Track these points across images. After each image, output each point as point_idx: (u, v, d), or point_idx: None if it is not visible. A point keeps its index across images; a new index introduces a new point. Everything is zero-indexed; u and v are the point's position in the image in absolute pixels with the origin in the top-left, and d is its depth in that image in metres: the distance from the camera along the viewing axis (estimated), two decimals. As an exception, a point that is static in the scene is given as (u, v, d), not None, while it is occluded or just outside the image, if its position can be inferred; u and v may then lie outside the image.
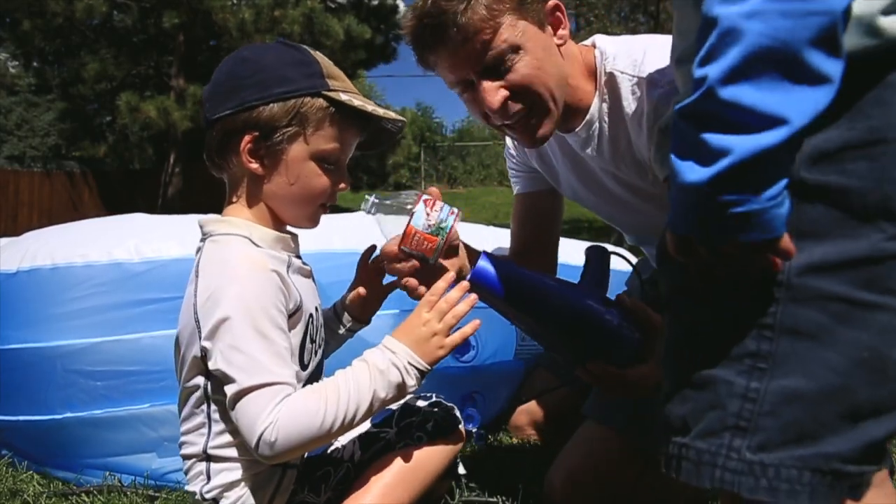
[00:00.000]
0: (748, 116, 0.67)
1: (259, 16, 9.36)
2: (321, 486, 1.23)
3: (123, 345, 1.54)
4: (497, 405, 2.05)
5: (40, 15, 9.97)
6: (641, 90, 1.33)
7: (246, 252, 1.12)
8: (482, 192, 17.57)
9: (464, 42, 1.23)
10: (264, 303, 1.08)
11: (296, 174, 1.16)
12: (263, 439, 1.03)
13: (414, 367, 1.13)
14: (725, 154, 0.68)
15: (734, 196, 0.69)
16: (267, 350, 1.06)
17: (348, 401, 1.08)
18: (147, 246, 1.60)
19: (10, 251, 1.67)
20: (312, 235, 1.31)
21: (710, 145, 0.69)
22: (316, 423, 1.05)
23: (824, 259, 0.74)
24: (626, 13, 12.90)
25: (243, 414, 1.04)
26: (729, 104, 0.68)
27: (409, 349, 1.14)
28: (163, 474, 1.59)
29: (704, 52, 0.69)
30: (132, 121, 10.11)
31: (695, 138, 0.70)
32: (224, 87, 1.16)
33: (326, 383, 1.11)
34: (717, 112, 0.69)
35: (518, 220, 1.73)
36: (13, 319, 1.59)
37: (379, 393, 1.10)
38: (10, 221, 12.49)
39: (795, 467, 0.74)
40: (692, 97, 0.70)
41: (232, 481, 1.13)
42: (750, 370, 0.76)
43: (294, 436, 1.04)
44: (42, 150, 15.86)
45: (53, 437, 1.58)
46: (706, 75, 0.68)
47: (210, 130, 1.17)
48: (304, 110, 1.13)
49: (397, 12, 11.84)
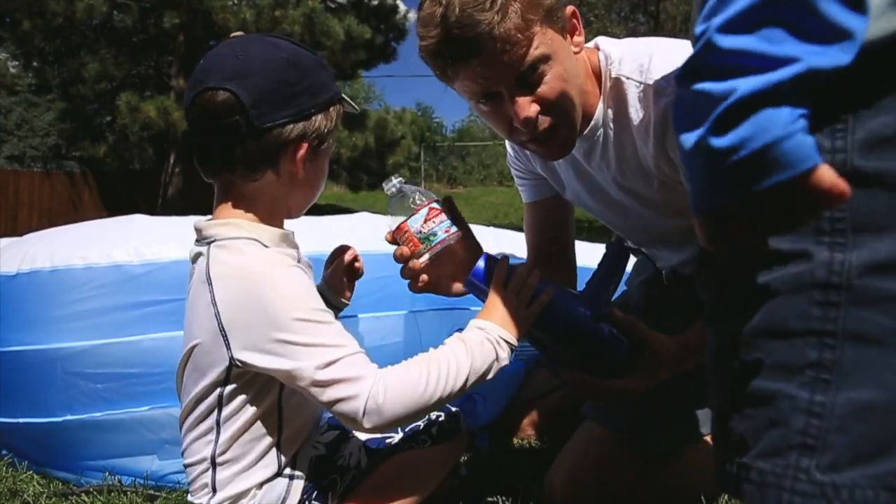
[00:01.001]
0: (754, 60, 0.61)
1: (259, 16, 9.35)
2: (328, 494, 1.22)
3: (124, 347, 1.54)
4: (498, 406, 2.05)
5: (40, 15, 9.96)
6: (648, 98, 1.30)
7: (262, 255, 1.12)
8: (482, 192, 17.56)
9: (501, 53, 1.17)
10: (305, 294, 1.09)
11: (321, 172, 1.23)
12: (370, 406, 1.03)
13: (504, 340, 1.17)
14: (727, 95, 0.61)
15: (743, 136, 0.61)
16: (330, 331, 1.08)
17: (448, 372, 1.09)
18: (147, 248, 1.60)
19: (10, 253, 1.67)
20: (312, 238, 1.31)
21: (711, 93, 0.62)
22: (419, 390, 1.06)
23: (890, 256, 0.67)
24: (626, 13, 12.89)
25: (336, 387, 1.04)
26: (732, 52, 0.62)
27: (497, 325, 1.17)
28: (163, 475, 1.59)
29: (708, 7, 0.64)
30: (132, 121, 10.10)
31: (695, 95, 0.64)
32: (279, 93, 1.12)
33: (426, 356, 1.13)
34: (718, 63, 0.62)
35: (531, 229, 1.71)
36: (13, 321, 1.59)
37: (476, 365, 1.12)
38: (10, 221, 12.48)
39: (871, 487, 0.68)
40: (691, 55, 0.65)
41: (239, 492, 1.13)
42: (813, 382, 0.69)
43: (400, 401, 1.05)
44: (42, 150, 15.85)
45: (54, 440, 1.59)
46: (706, 27, 0.63)
47: (252, 138, 1.11)
48: (338, 114, 1.20)
49: (397, 12, 11.83)
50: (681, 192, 1.38)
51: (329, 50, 9.69)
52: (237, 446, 1.12)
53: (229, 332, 1.07)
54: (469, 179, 21.97)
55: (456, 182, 21.74)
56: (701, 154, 0.64)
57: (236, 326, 1.07)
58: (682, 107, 0.67)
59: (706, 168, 0.65)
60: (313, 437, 1.25)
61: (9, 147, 15.72)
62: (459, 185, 21.14)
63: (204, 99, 1.12)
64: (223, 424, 1.12)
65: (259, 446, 1.14)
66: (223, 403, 1.12)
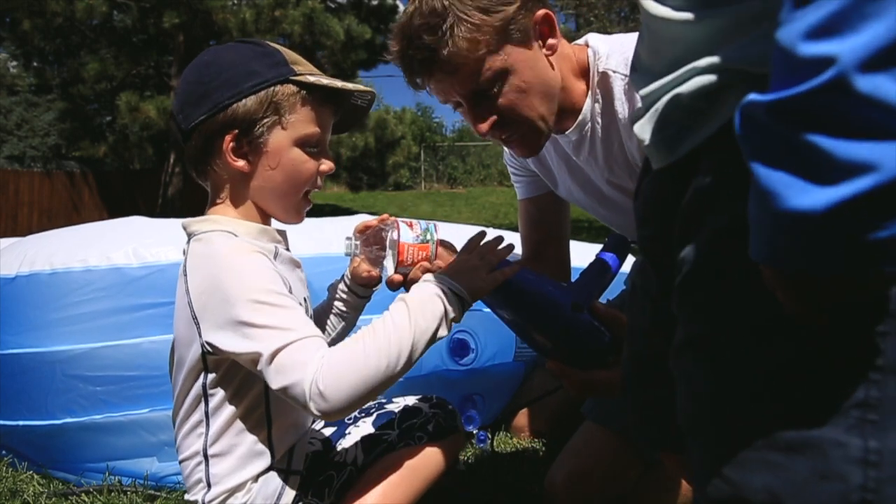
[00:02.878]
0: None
1: (259, 16, 9.35)
2: (325, 490, 1.22)
3: (123, 350, 1.54)
4: (497, 407, 2.05)
5: (40, 15, 9.96)
6: (634, 89, 1.33)
7: (227, 243, 1.12)
8: (482, 192, 17.56)
9: (451, 73, 1.24)
10: (263, 279, 1.08)
11: (281, 162, 1.16)
12: (314, 390, 1.00)
13: (454, 292, 1.12)
14: (866, 171, 0.49)
15: (879, 221, 0.50)
16: (286, 315, 1.05)
17: (390, 342, 1.05)
18: (146, 250, 1.60)
19: (9, 256, 1.66)
20: (312, 239, 1.31)
21: (838, 158, 0.49)
22: (361, 368, 1.02)
23: None
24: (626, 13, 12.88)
25: (283, 373, 1.02)
26: (869, 101, 0.47)
27: (449, 277, 1.14)
28: (163, 477, 1.59)
29: (821, 19, 0.48)
30: (132, 121, 10.10)
31: (807, 146, 0.50)
32: (194, 94, 1.16)
33: (366, 329, 1.08)
34: (847, 111, 0.48)
35: (525, 225, 1.73)
36: (12, 325, 1.59)
37: (421, 323, 1.07)
38: (10, 221, 12.49)
39: None
40: (798, 87, 0.50)
41: (234, 486, 1.13)
42: (860, 424, 0.59)
43: (344, 382, 1.01)
44: (42, 150, 15.85)
45: (53, 442, 1.59)
46: (835, 56, 0.47)
47: (188, 141, 1.16)
48: (276, 99, 1.14)
49: (397, 12, 11.83)
50: None
51: (329, 50, 9.70)
52: (227, 438, 1.12)
53: (200, 318, 1.09)
54: (469, 179, 21.95)
55: (456, 182, 21.73)
56: (814, 222, 0.52)
57: (204, 311, 1.08)
58: (771, 143, 0.53)
59: (818, 236, 0.53)
60: (310, 433, 1.25)
61: (9, 147, 15.72)
62: (459, 185, 21.12)
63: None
64: (212, 416, 1.13)
65: (249, 438, 1.14)
66: (208, 395, 1.13)
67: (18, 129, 16.32)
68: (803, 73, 0.49)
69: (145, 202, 12.34)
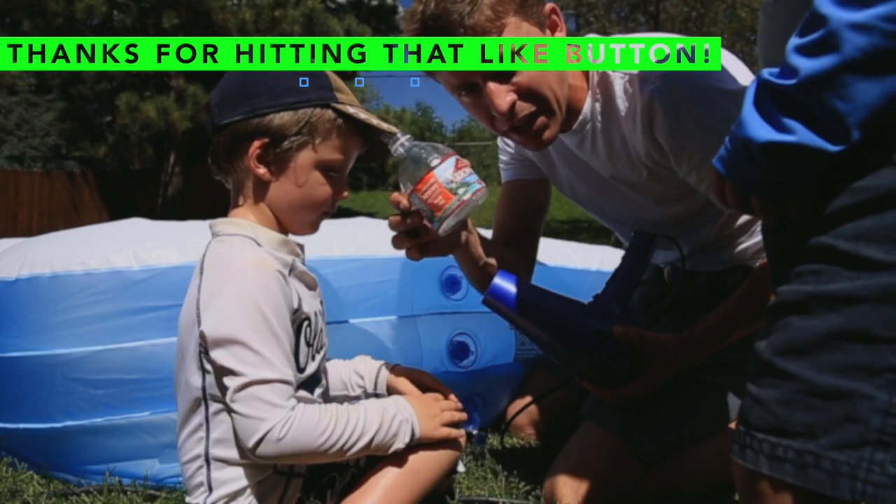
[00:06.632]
0: (829, 121, 0.74)
1: (259, 16, 9.36)
2: (327, 492, 1.23)
3: (124, 353, 1.54)
4: (497, 407, 2.05)
5: (40, 15, 9.96)
6: (633, 87, 1.35)
7: (249, 251, 1.14)
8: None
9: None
10: (269, 301, 1.09)
11: (301, 181, 1.19)
12: (271, 435, 1.04)
13: (412, 430, 1.21)
14: (790, 132, 0.77)
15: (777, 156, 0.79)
16: (274, 347, 1.08)
17: (353, 431, 1.12)
18: (146, 253, 1.60)
19: (10, 259, 1.66)
20: (312, 241, 1.31)
21: (782, 122, 0.77)
22: (319, 437, 1.08)
23: None
24: (626, 13, 12.87)
25: (249, 406, 1.05)
26: (815, 101, 0.74)
27: (416, 415, 1.22)
28: (163, 478, 1.59)
29: (806, 42, 0.75)
30: (132, 121, 10.11)
31: (770, 111, 0.78)
32: (236, 93, 1.19)
33: (345, 409, 1.14)
34: (798, 102, 0.76)
35: (503, 208, 1.75)
36: (12, 328, 1.59)
37: (378, 435, 1.15)
38: (10, 221, 12.49)
39: None
40: (786, 80, 0.77)
41: (236, 490, 1.13)
42: (890, 384, 0.76)
43: (299, 442, 1.06)
44: (42, 150, 15.83)
45: (54, 445, 1.58)
46: (798, 68, 0.75)
47: (218, 135, 1.20)
48: (314, 120, 1.18)
49: (397, 12, 11.84)
50: (669, 179, 1.42)
51: (329, 50, 9.69)
52: (228, 442, 1.13)
53: (202, 313, 1.11)
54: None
55: (456, 181, 21.69)
56: (746, 146, 0.81)
57: (206, 311, 1.10)
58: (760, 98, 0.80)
59: (748, 160, 0.82)
60: None
61: (9, 147, 15.70)
62: (459, 184, 21.07)
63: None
64: (212, 419, 1.14)
65: None
66: (208, 397, 1.14)
67: (18, 129, 16.30)
68: (787, 69, 0.79)
69: (145, 202, 12.35)
